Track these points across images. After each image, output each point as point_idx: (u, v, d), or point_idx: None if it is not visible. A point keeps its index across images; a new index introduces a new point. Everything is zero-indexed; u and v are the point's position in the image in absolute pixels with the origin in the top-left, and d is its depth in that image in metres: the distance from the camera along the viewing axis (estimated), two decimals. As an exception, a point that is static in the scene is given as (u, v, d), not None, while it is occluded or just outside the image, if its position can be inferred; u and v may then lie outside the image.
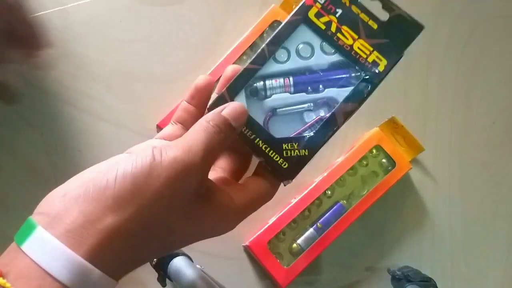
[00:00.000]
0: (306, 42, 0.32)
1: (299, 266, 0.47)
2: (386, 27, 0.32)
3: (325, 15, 0.31)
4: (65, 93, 0.52)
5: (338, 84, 0.32)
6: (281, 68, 0.32)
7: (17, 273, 0.22)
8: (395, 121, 0.51)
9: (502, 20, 0.57)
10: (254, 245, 0.47)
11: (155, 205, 0.24)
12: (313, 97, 0.32)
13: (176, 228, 0.25)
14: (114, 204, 0.23)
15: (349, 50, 0.31)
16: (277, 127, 0.32)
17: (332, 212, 0.49)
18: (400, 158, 0.50)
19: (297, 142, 0.31)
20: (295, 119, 0.32)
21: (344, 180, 0.50)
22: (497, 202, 0.54)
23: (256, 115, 0.30)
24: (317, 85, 0.32)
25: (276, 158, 0.30)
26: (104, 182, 0.23)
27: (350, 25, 0.31)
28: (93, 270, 0.22)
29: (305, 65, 0.32)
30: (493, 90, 0.56)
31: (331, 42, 0.31)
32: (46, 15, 0.53)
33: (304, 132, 0.32)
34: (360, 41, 0.31)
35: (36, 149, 0.51)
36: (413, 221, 0.53)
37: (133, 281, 0.50)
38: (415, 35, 0.32)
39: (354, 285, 0.51)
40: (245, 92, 0.31)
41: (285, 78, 0.32)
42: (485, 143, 0.55)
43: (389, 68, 0.32)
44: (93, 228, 0.23)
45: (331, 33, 0.31)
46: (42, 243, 0.22)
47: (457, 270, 0.52)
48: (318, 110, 0.32)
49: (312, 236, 0.48)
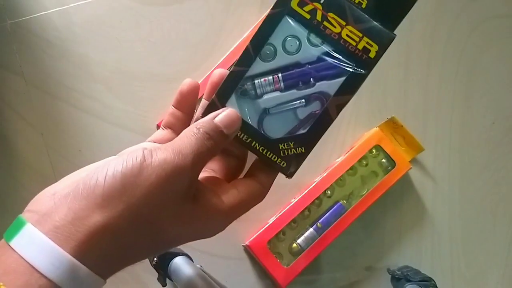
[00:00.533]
0: (291, 35, 0.30)
1: (299, 265, 0.47)
2: (375, 6, 0.30)
3: (308, 3, 0.29)
4: (65, 93, 0.52)
5: (329, 76, 0.30)
6: (269, 67, 0.30)
7: (4, 269, 0.22)
8: (394, 121, 0.51)
9: (502, 20, 0.57)
10: (254, 245, 0.47)
11: (144, 204, 0.24)
12: (304, 92, 0.31)
13: (164, 228, 0.25)
14: (103, 202, 0.23)
15: (337, 38, 0.29)
16: (271, 126, 0.31)
17: (332, 212, 0.49)
18: (400, 158, 0.50)
19: (292, 141, 0.30)
20: (288, 117, 0.31)
21: (344, 180, 0.50)
22: (497, 201, 0.54)
23: (249, 116, 0.30)
24: (308, 78, 0.30)
25: (274, 159, 0.30)
26: (94, 181, 0.24)
27: (336, 11, 0.29)
28: (80, 267, 0.22)
29: (293, 60, 0.30)
30: (492, 90, 0.56)
31: (317, 32, 0.30)
32: (47, 15, 0.53)
33: (298, 129, 0.31)
34: (348, 27, 0.29)
35: (36, 149, 0.51)
36: (412, 221, 0.53)
37: (133, 280, 0.50)
38: (402, 14, 0.30)
39: (354, 284, 0.51)
40: (235, 95, 0.30)
41: (274, 75, 0.31)
42: (485, 143, 0.55)
43: (381, 53, 0.29)
44: (81, 225, 0.23)
45: (317, 22, 0.30)
46: (30, 239, 0.23)
47: (457, 270, 0.53)
48: (311, 105, 0.31)
49: (312, 236, 0.48)
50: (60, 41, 0.53)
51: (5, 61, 0.52)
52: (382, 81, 0.55)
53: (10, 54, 0.52)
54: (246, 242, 0.48)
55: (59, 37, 0.53)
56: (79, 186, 0.24)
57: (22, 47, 0.52)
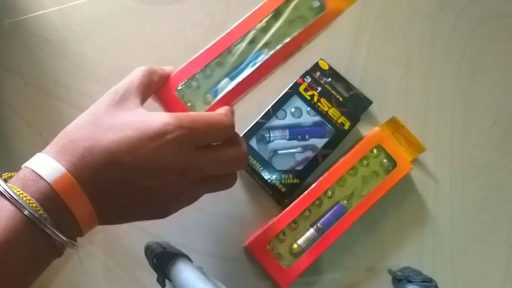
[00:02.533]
0: (297, 107, 0.50)
1: (300, 266, 0.46)
2: (348, 100, 0.50)
3: (310, 90, 0.49)
4: (65, 93, 0.52)
5: (318, 135, 0.49)
6: (281, 123, 0.49)
7: (16, 178, 0.29)
8: (396, 120, 0.50)
9: (502, 20, 0.57)
10: (254, 246, 0.47)
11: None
12: (302, 143, 0.49)
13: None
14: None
15: (325, 114, 0.49)
16: (278, 162, 0.49)
17: (333, 212, 0.48)
18: (401, 158, 0.50)
19: (291, 174, 0.47)
20: (290, 158, 0.49)
21: (344, 180, 0.50)
22: (498, 202, 0.54)
23: (263, 154, 0.48)
24: (304, 135, 0.49)
25: (277, 184, 0.47)
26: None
27: (326, 98, 0.49)
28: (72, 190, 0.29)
29: (296, 122, 0.49)
30: (494, 90, 0.56)
31: (314, 108, 0.49)
32: (46, 14, 0.53)
33: (296, 166, 0.48)
34: (332, 109, 0.49)
35: (36, 149, 0.50)
36: (414, 221, 0.53)
37: (132, 281, 0.49)
38: (366, 106, 0.52)
39: (354, 285, 0.51)
40: (256, 138, 0.48)
41: (283, 129, 0.49)
42: (486, 143, 0.55)
43: (352, 127, 0.49)
44: (80, 147, 0.30)
45: (314, 102, 0.49)
46: (40, 158, 0.30)
47: (458, 271, 0.52)
48: (305, 152, 0.49)
49: (313, 237, 0.48)
50: (59, 40, 0.52)
51: (3, 60, 0.52)
52: (382, 81, 0.55)
53: (8, 53, 0.52)
54: (246, 243, 0.48)
55: (58, 36, 0.53)
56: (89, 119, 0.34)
57: (21, 46, 0.52)
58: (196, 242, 0.50)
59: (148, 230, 0.50)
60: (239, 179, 0.50)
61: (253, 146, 0.47)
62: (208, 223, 0.50)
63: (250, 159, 0.47)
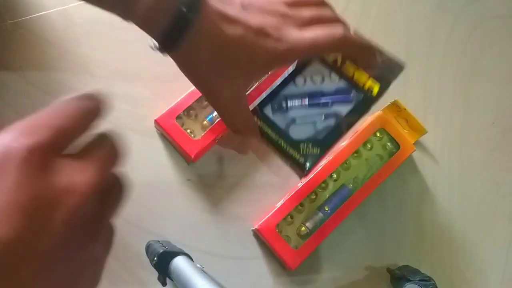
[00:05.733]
0: (318, 71, 0.42)
1: (308, 248, 0.48)
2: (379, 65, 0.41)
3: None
4: (65, 93, 0.52)
5: (342, 103, 0.41)
6: (300, 91, 0.41)
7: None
8: (397, 104, 0.51)
9: (502, 20, 0.57)
10: (264, 229, 0.48)
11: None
12: (323, 110, 0.41)
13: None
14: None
15: (350, 78, 0.41)
16: (296, 131, 0.41)
17: (339, 195, 0.50)
18: (403, 141, 0.51)
19: (311, 143, 0.40)
20: (309, 127, 0.41)
21: (349, 164, 0.51)
22: (497, 201, 0.54)
23: (279, 123, 0.40)
24: (327, 103, 0.41)
25: (295, 155, 0.40)
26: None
27: (351, 60, 0.40)
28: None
29: (317, 88, 0.41)
30: (493, 90, 0.56)
31: (337, 72, 0.41)
32: (47, 15, 0.53)
33: (316, 136, 0.41)
34: (359, 72, 0.41)
35: (36, 149, 0.51)
36: (412, 220, 0.53)
37: (133, 280, 0.50)
38: (398, 72, 0.42)
39: (353, 284, 0.51)
40: (271, 106, 0.41)
41: (302, 97, 0.42)
42: (485, 143, 0.55)
43: (381, 92, 0.41)
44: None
45: (337, 66, 0.41)
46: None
47: (456, 269, 0.53)
48: (327, 120, 0.41)
49: (320, 219, 0.49)
50: (60, 41, 0.53)
51: (5, 60, 0.52)
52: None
53: (10, 54, 0.52)
54: (256, 226, 0.49)
55: (59, 37, 0.53)
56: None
57: (22, 46, 0.52)
58: (196, 241, 0.50)
59: (149, 229, 0.50)
60: (238, 179, 0.51)
61: (268, 115, 0.41)
62: (209, 222, 0.51)
63: (266, 129, 0.42)
